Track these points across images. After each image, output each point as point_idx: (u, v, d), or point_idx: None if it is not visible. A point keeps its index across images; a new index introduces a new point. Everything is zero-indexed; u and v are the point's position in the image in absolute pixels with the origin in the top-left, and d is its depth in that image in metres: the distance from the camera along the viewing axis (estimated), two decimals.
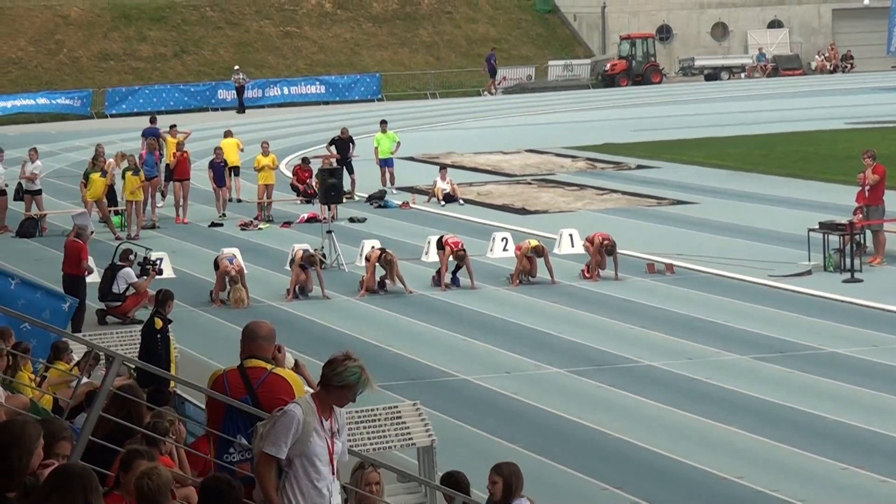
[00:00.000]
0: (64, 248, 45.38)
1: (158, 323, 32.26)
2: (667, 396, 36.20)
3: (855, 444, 32.51)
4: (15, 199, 67.00)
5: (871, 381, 37.17)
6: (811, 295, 46.84)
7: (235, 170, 66.93)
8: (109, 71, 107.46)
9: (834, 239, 49.17)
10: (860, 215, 49.11)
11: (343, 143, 66.43)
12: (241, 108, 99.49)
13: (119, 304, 45.97)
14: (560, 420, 34.08)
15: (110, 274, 46.80)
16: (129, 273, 46.00)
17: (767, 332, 42.16)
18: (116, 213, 60.88)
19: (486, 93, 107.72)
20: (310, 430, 15.15)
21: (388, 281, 47.31)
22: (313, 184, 62.65)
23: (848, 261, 48.54)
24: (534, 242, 44.10)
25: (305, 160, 68.75)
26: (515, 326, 43.74)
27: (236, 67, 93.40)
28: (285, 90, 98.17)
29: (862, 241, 50.17)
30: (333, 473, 15.71)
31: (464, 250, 45.35)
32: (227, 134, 71.46)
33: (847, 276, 47.76)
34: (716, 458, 29.16)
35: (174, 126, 70.30)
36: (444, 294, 45.32)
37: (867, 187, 49.59)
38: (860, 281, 47.16)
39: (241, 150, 70.47)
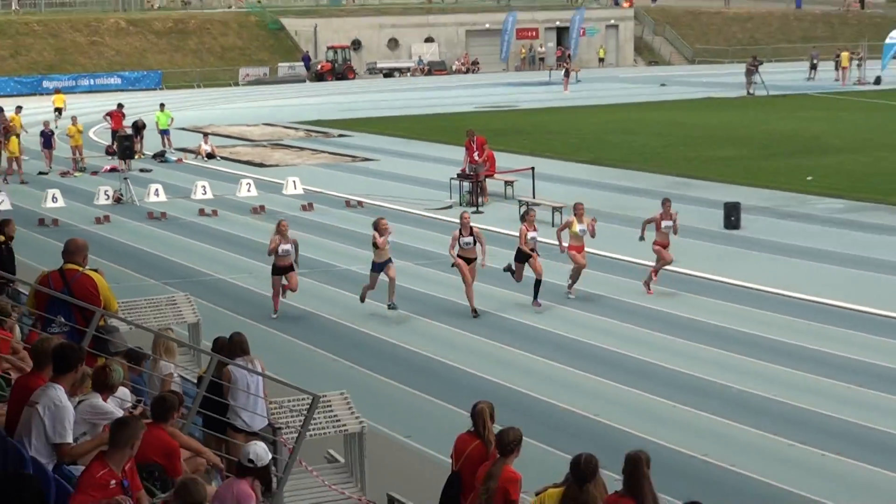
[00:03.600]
0: None
1: (1, 238, 28.44)
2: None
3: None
4: None
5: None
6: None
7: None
8: None
9: (466, 185, 48.38)
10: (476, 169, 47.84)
11: (136, 128, 61.95)
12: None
13: None
14: None
15: None
16: None
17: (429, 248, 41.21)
18: None
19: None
20: None
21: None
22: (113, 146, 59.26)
23: (474, 199, 47.63)
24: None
25: (120, 105, 64.53)
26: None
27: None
28: (92, 81, 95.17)
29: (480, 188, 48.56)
30: None
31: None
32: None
33: (474, 209, 45.72)
34: None
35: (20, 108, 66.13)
36: None
37: (475, 153, 48.77)
38: (482, 213, 45.92)
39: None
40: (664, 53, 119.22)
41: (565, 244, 31.30)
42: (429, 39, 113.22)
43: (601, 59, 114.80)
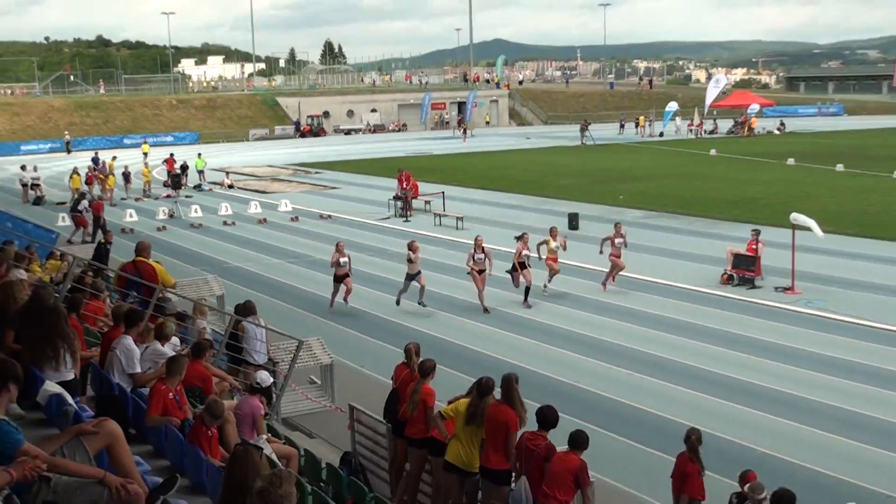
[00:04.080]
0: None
1: (103, 241, 29.76)
2: None
3: None
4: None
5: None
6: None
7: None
8: None
9: (398, 203, 47.18)
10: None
11: (182, 169, 60.76)
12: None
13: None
14: None
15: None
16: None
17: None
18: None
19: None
20: None
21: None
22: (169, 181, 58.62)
23: (404, 213, 46.49)
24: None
25: (172, 154, 63.57)
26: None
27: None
28: (155, 139, 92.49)
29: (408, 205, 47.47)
30: None
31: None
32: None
33: (404, 219, 45.97)
34: None
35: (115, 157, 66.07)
36: None
37: (404, 183, 48.03)
38: (409, 221, 45.51)
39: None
40: (528, 118, 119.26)
41: (543, 256, 30.10)
42: (373, 110, 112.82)
43: (487, 122, 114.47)
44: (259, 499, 6.61)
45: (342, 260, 28.55)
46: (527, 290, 28.78)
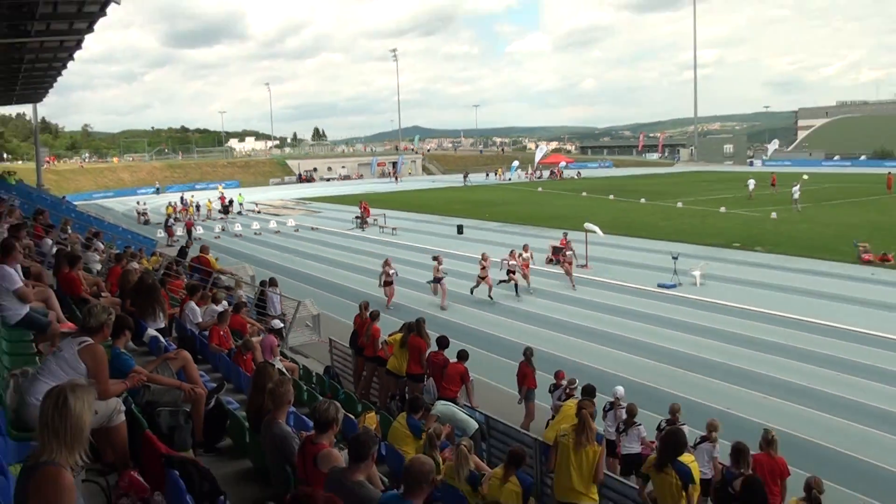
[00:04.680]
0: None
1: (185, 244, 27.44)
2: None
3: None
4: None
5: None
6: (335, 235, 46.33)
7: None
8: None
9: (358, 220, 45.49)
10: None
11: (230, 202, 58.72)
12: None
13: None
14: None
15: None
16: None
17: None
18: None
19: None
20: None
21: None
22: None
23: (361, 226, 45.63)
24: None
25: (223, 194, 58.60)
26: None
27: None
28: (210, 185, 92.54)
29: (365, 222, 46.10)
30: None
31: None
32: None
33: (361, 230, 44.53)
34: None
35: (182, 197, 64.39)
36: None
37: (363, 209, 47.30)
38: (364, 231, 44.25)
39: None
40: (433, 171, 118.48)
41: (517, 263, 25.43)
42: (343, 167, 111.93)
43: (409, 173, 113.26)
44: (270, 394, 6.51)
45: (390, 271, 23.67)
46: (515, 286, 24.85)
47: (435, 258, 24.59)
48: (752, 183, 56.55)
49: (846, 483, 11.33)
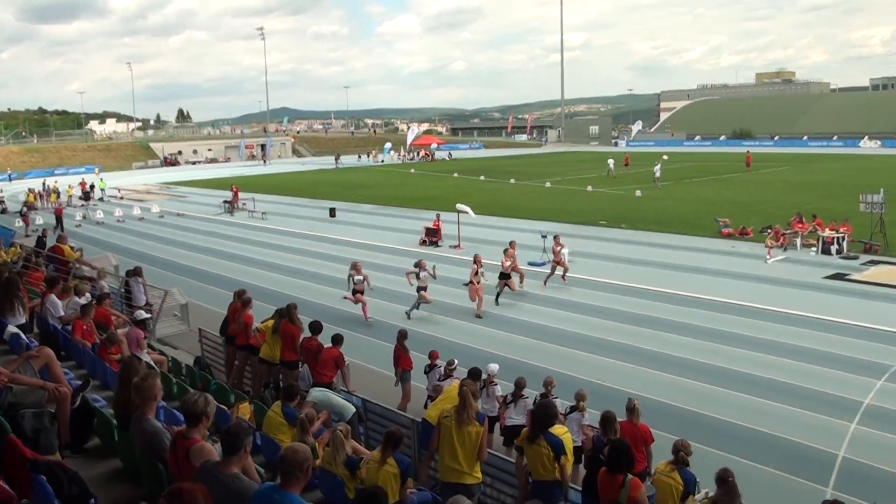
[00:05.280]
0: None
1: (42, 234, 27.16)
2: None
3: None
4: None
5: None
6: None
7: None
8: None
9: (227, 205, 44.57)
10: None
11: (91, 187, 55.88)
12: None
13: None
14: None
15: None
16: None
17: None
18: None
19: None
20: None
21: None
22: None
23: (230, 210, 44.26)
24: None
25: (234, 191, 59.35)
26: None
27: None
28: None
29: (232, 207, 44.77)
30: None
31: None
32: None
33: (230, 215, 43.63)
34: None
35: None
36: None
37: (234, 193, 46.90)
38: (233, 215, 42.75)
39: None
40: (303, 153, 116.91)
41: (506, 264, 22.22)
42: (209, 150, 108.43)
43: (279, 156, 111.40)
44: (136, 390, 6.32)
45: (357, 278, 19.81)
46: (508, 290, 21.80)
47: (417, 264, 20.83)
48: (611, 163, 60.11)
49: (714, 444, 11.64)
